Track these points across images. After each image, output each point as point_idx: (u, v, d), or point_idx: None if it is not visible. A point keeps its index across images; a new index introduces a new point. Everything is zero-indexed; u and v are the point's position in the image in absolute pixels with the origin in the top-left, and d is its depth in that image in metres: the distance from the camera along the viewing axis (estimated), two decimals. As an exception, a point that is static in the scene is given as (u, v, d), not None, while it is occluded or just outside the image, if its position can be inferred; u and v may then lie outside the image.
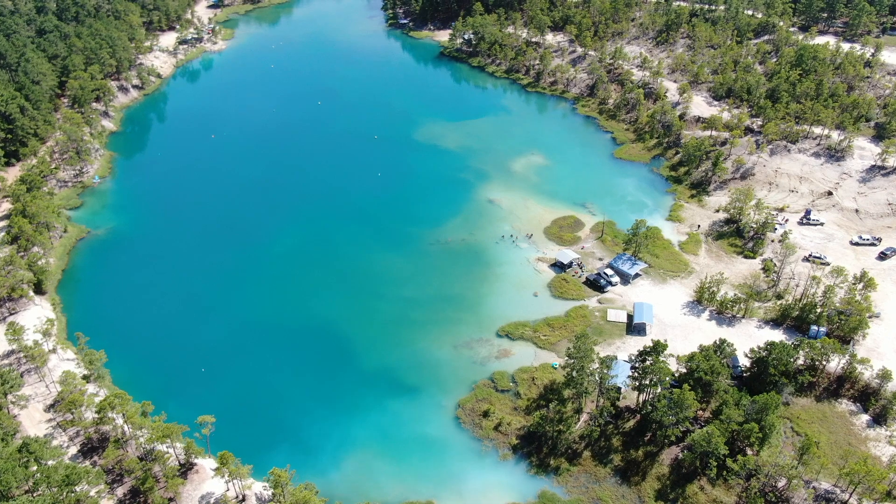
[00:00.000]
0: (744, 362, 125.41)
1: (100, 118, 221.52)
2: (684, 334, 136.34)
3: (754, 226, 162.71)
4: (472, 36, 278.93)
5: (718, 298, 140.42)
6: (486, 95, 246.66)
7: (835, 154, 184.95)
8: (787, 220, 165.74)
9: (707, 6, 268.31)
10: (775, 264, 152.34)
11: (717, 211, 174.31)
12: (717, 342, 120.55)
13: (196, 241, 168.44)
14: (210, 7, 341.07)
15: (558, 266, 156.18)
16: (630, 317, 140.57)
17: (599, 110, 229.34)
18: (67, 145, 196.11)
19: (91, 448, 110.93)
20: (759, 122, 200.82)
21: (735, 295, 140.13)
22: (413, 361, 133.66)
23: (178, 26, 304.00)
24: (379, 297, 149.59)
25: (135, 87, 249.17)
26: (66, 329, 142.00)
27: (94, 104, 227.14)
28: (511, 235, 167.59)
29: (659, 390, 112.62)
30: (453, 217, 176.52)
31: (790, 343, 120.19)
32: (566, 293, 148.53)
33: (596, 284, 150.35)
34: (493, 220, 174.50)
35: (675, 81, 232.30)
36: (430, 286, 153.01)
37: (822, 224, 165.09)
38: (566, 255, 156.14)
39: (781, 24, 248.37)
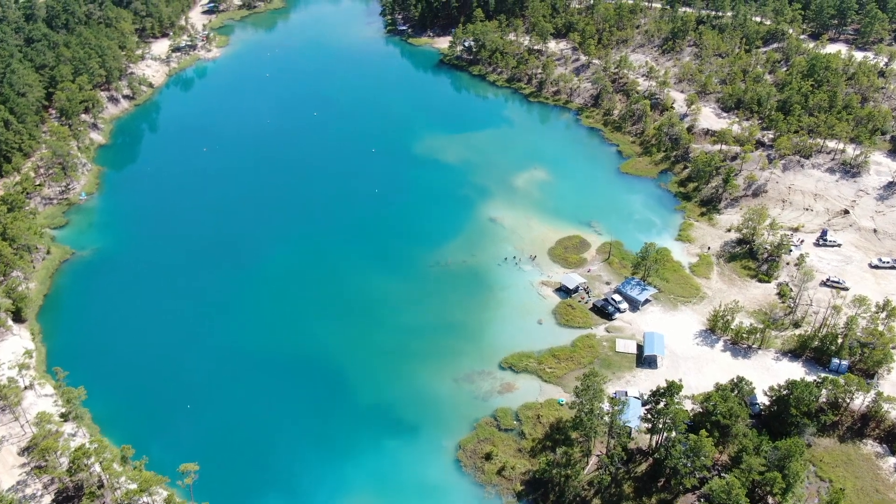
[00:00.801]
0: (762, 400, 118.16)
1: (88, 131, 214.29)
2: (697, 367, 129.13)
3: (768, 247, 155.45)
4: (472, 43, 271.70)
5: (733, 328, 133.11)
6: (486, 106, 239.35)
7: (850, 170, 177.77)
8: (802, 242, 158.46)
9: (714, 12, 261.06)
10: (791, 289, 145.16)
11: (729, 230, 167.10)
12: (735, 380, 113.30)
13: (185, 263, 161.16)
14: (205, 13, 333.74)
15: (563, 291, 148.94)
16: (640, 347, 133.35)
17: (604, 121, 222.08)
18: (53, 161, 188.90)
19: (66, 498, 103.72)
20: (771, 136, 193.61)
21: (751, 325, 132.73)
22: (412, 397, 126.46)
23: (171, 33, 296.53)
24: (376, 325, 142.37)
25: (125, 97, 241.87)
26: (46, 360, 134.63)
27: (84, 115, 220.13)
28: (514, 257, 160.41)
29: (674, 434, 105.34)
30: (454, 236, 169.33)
31: (812, 381, 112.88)
32: (572, 321, 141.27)
33: (603, 311, 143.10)
34: (494, 240, 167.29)
35: (682, 92, 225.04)
36: (430, 312, 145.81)
37: (839, 245, 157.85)
38: (572, 279, 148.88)
39: (791, 31, 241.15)
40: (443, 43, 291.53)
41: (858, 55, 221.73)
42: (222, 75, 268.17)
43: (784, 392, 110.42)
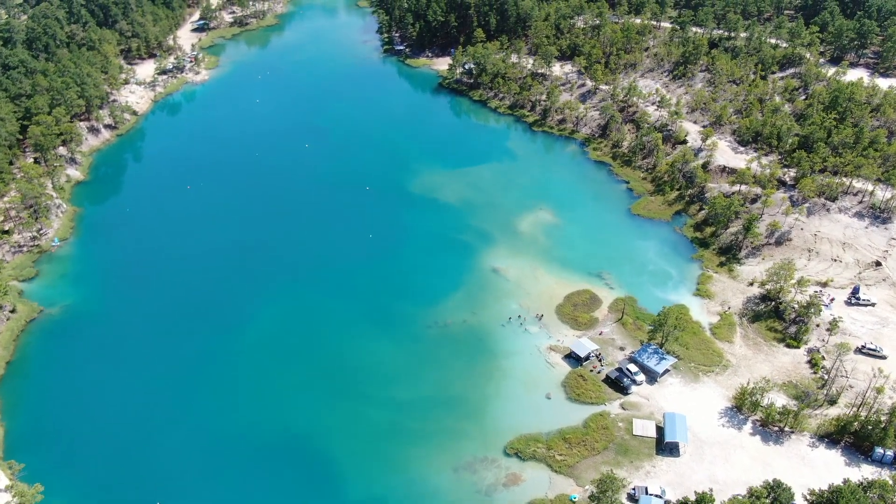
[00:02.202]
0: None
1: (65, 166, 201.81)
2: (724, 454, 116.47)
3: (796, 307, 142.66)
4: (472, 66, 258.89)
5: (763, 406, 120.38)
6: (488, 136, 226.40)
7: (880, 215, 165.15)
8: (832, 300, 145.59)
9: (726, 32, 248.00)
10: (823, 357, 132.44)
11: (751, 284, 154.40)
12: (771, 484, 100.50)
13: (162, 323, 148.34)
14: (194, 31, 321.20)
15: (574, 358, 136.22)
16: (660, 429, 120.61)
17: (613, 154, 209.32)
18: (23, 205, 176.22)
19: None
20: (793, 174, 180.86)
21: (783, 407, 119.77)
22: (407, 490, 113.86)
23: (158, 54, 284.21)
24: (367, 401, 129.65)
25: (107, 126, 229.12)
26: (4, 444, 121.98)
27: (62, 148, 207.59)
28: (519, 316, 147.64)
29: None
30: (453, 291, 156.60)
31: (858, 485, 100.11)
32: (584, 395, 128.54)
33: (618, 384, 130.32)
34: (498, 296, 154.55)
35: (695, 122, 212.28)
36: (427, 384, 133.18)
37: (873, 304, 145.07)
38: (583, 346, 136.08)
39: (809, 56, 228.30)
40: (442, 64, 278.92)
41: (882, 83, 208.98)
42: (210, 101, 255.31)
43: (827, 498, 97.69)
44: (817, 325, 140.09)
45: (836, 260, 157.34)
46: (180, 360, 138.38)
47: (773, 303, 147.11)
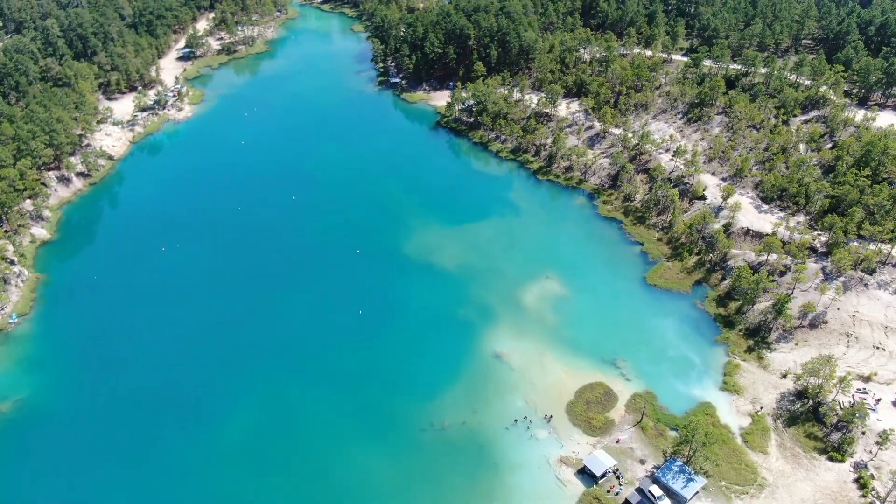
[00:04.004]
0: None
1: (29, 225, 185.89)
2: None
3: (838, 410, 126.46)
4: (473, 104, 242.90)
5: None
6: (489, 185, 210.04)
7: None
8: (879, 401, 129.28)
9: (743, 68, 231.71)
10: (873, 476, 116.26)
11: (784, 376, 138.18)
12: None
13: (125, 424, 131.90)
14: (180, 59, 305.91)
15: (588, 475, 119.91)
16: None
17: (624, 209, 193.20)
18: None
19: None
20: (824, 240, 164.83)
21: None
22: None
23: (140, 87, 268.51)
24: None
25: (79, 174, 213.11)
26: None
27: (28, 201, 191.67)
28: (525, 417, 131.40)
29: None
30: (451, 382, 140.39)
31: None
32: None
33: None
34: (501, 389, 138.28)
35: (713, 174, 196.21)
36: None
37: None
38: (598, 461, 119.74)
39: (833, 97, 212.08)
40: (439, 99, 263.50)
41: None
42: (192, 142, 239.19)
43: None
44: (863, 433, 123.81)
45: (878, 347, 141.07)
46: (144, 474, 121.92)
47: (811, 401, 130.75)
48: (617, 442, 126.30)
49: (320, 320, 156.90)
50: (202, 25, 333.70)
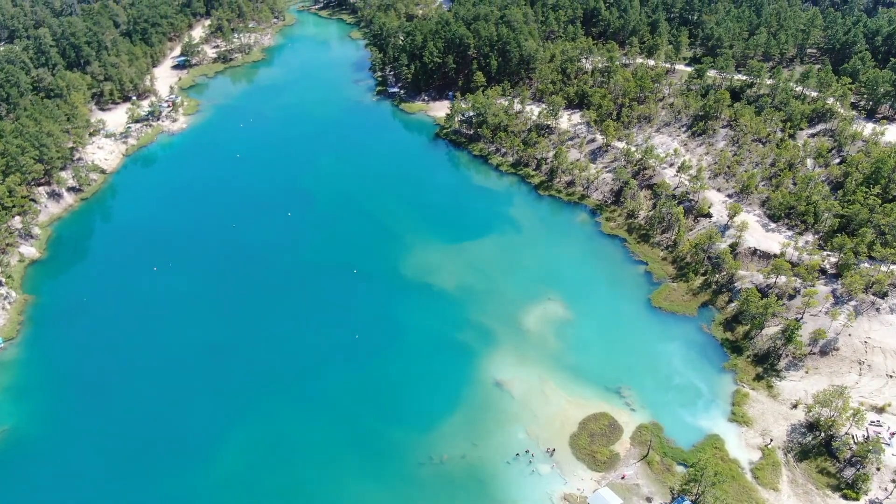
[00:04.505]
0: None
1: (17, 243, 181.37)
2: None
3: (852, 445, 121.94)
4: (472, 115, 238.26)
5: None
6: (489, 200, 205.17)
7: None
8: (893, 434, 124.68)
9: (748, 78, 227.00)
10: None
11: (795, 407, 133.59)
12: None
13: (114, 456, 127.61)
14: (175, 68, 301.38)
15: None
16: None
17: (628, 227, 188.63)
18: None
19: None
20: (833, 260, 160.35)
21: None
22: None
23: (134, 97, 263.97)
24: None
25: (71, 189, 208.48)
26: None
27: (17, 218, 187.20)
28: (527, 451, 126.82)
29: None
30: (450, 411, 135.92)
31: None
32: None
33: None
34: (502, 420, 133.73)
35: (718, 190, 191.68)
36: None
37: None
38: (603, 500, 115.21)
39: (841, 110, 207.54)
40: (439, 109, 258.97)
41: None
42: (187, 155, 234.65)
43: None
44: (878, 469, 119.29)
45: (891, 376, 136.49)
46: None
47: (823, 434, 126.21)
48: (622, 478, 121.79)
49: (316, 344, 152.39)
50: (198, 33, 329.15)
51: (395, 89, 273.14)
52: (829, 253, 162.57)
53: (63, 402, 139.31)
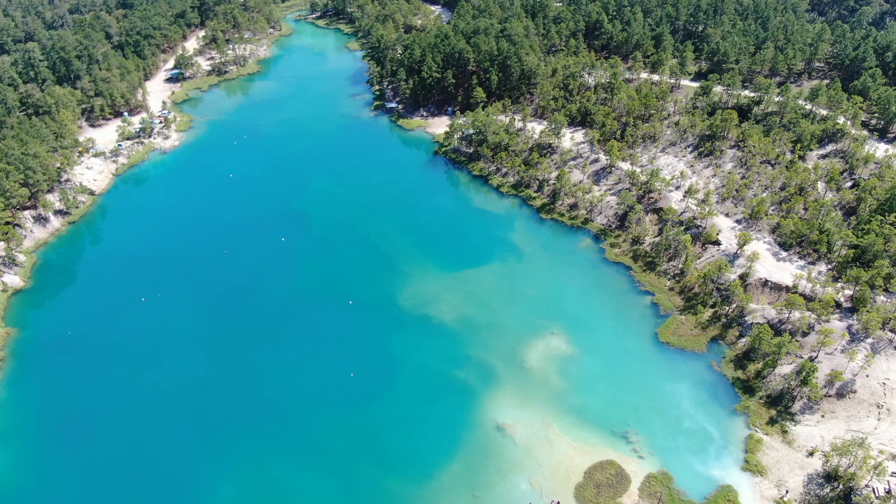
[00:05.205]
0: None
1: (1, 272, 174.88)
2: None
3: (874, 499, 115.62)
4: (472, 133, 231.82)
5: None
6: (490, 225, 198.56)
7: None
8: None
9: (755, 94, 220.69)
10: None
11: (811, 454, 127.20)
12: None
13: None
14: (168, 81, 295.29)
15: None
16: None
17: (633, 254, 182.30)
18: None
19: None
20: (848, 293, 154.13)
21: None
22: None
23: (125, 113, 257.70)
24: None
25: (58, 213, 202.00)
26: None
27: (0, 245, 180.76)
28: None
29: None
30: (449, 458, 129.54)
31: None
32: None
33: None
34: (503, 469, 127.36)
35: (727, 215, 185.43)
36: None
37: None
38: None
39: (852, 130, 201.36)
40: (438, 126, 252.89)
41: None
42: (178, 174, 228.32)
43: None
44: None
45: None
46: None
47: (842, 486, 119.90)
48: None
49: (309, 384, 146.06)
50: (192, 44, 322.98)
51: (394, 104, 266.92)
52: (844, 285, 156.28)
53: (44, 447, 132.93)
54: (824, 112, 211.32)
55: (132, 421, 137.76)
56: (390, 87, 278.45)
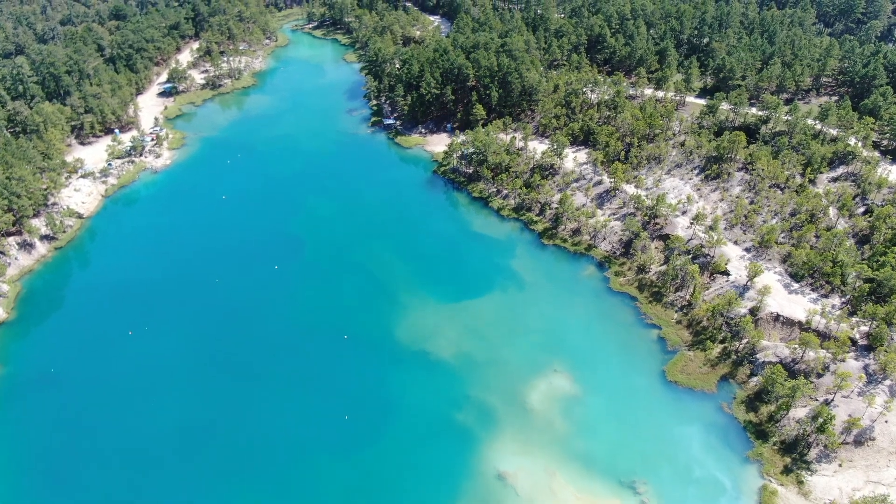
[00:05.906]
0: None
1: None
2: None
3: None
4: (472, 152, 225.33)
5: None
6: (490, 251, 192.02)
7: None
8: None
9: (763, 112, 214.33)
10: None
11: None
12: None
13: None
14: (161, 95, 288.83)
15: None
16: None
17: (639, 283, 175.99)
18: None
19: None
20: (864, 330, 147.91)
21: None
22: None
23: (116, 129, 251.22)
24: None
25: (44, 238, 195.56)
26: None
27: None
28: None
29: None
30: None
31: None
32: None
33: None
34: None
35: (736, 242, 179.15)
36: None
37: None
38: None
39: (864, 152, 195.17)
40: (437, 144, 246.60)
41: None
42: (170, 196, 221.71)
43: None
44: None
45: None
46: None
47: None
48: None
49: (302, 427, 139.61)
50: (185, 57, 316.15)
51: (391, 120, 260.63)
52: (859, 321, 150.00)
53: (23, 495, 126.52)
54: (834, 132, 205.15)
55: (117, 464, 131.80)
56: (388, 102, 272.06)
